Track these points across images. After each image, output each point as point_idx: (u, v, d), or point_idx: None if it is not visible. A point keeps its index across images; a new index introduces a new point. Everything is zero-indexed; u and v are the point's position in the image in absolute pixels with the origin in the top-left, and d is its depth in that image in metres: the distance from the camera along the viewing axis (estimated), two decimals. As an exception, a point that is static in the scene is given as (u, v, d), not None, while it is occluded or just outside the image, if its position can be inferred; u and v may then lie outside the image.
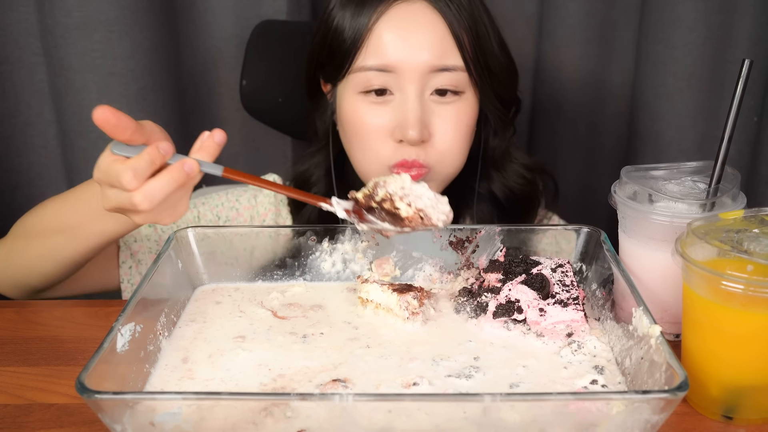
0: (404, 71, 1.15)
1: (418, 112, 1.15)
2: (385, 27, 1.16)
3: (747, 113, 1.66)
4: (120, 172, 0.84)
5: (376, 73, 1.16)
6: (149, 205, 0.85)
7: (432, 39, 1.15)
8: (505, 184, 1.34)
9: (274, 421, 0.72)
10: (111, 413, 0.72)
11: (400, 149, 1.17)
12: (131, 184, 0.84)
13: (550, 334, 0.91)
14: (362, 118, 1.19)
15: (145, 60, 1.51)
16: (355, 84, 1.19)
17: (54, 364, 0.96)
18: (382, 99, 1.18)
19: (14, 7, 1.50)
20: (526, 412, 0.72)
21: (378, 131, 1.18)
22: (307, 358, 0.89)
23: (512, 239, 1.05)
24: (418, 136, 1.14)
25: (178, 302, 0.99)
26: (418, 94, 1.15)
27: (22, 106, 1.57)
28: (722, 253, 0.81)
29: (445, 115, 1.18)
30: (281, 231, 1.08)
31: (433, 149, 1.18)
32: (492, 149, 1.33)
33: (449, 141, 1.19)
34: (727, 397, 0.84)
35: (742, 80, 0.94)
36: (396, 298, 0.96)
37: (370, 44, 1.16)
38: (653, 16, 1.62)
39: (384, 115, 1.18)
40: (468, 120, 1.21)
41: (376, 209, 0.95)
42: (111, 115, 0.84)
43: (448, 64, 1.16)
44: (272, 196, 1.33)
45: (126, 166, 0.84)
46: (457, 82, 1.18)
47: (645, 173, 1.01)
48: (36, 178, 1.63)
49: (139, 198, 0.84)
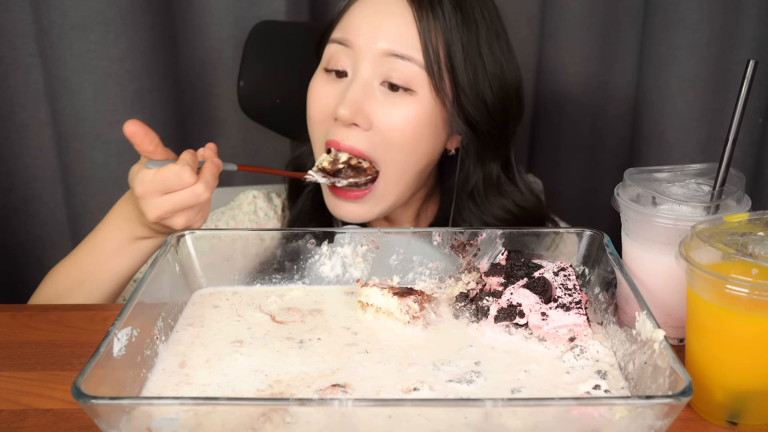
0: (360, 48, 1.17)
1: (358, 93, 1.16)
2: (358, 7, 1.21)
3: (752, 115, 1.65)
4: (178, 172, 0.98)
5: (337, 46, 1.20)
6: (210, 193, 1.00)
7: (396, 24, 1.17)
8: (481, 218, 1.30)
9: (272, 426, 0.71)
10: (107, 419, 0.71)
11: (333, 129, 1.19)
12: (193, 177, 0.99)
13: (553, 338, 0.90)
14: (314, 93, 1.23)
15: (142, 61, 1.50)
16: (324, 60, 1.23)
17: (50, 369, 0.95)
18: (339, 80, 1.20)
19: (9, 7, 1.50)
20: (528, 418, 0.71)
21: (323, 109, 1.21)
22: (306, 363, 0.88)
23: (514, 243, 1.04)
24: (348, 115, 1.15)
25: (176, 306, 0.98)
26: (366, 78, 1.17)
27: (17, 107, 1.56)
28: (727, 257, 0.80)
29: (392, 107, 1.18)
30: (279, 234, 1.07)
31: (379, 138, 1.18)
32: (472, 179, 1.29)
33: (396, 135, 1.19)
34: (732, 403, 0.84)
35: (746, 81, 0.93)
36: (396, 302, 0.95)
37: (343, 20, 1.22)
38: (657, 16, 1.62)
39: (334, 95, 1.20)
40: (417, 123, 1.19)
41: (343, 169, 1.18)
42: (140, 128, 1.01)
43: (405, 53, 1.16)
44: (252, 213, 1.38)
45: (180, 166, 0.98)
46: (411, 78, 1.17)
47: (648, 175, 1.01)
48: (31, 180, 1.62)
49: (201, 187, 1.00)
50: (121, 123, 1.50)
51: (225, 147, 1.74)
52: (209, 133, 1.71)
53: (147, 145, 0.99)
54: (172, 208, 1.00)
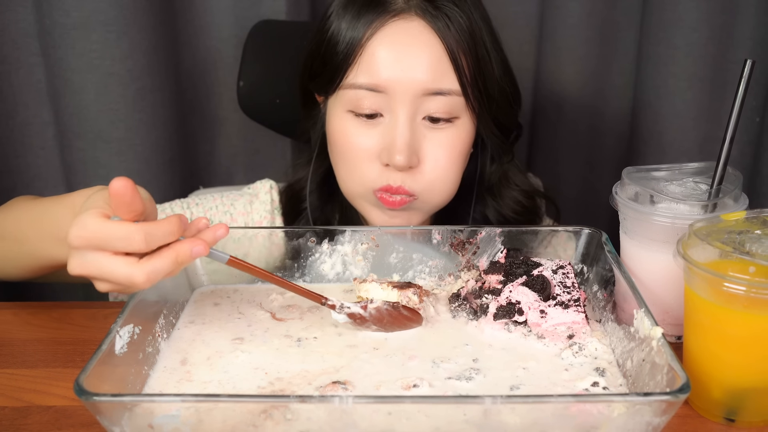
0: (396, 92, 1.09)
1: (407, 136, 1.09)
2: (379, 44, 1.10)
3: (749, 114, 1.65)
4: (131, 233, 0.75)
5: (366, 92, 1.11)
6: (149, 285, 0.77)
7: (428, 60, 1.09)
8: (500, 211, 1.29)
9: (273, 423, 0.72)
10: (109, 416, 0.72)
11: (385, 173, 1.12)
12: (141, 247, 0.76)
13: (551, 336, 0.91)
14: (349, 138, 1.14)
15: (144, 60, 1.50)
16: (345, 101, 1.14)
17: (52, 366, 0.96)
18: (372, 121, 1.13)
19: (12, 7, 1.50)
20: (527, 415, 0.72)
21: (365, 153, 1.13)
22: (306, 361, 0.88)
23: (513, 241, 1.04)
24: (405, 162, 1.09)
25: (177, 304, 0.99)
26: (409, 118, 1.10)
27: (20, 106, 1.56)
28: (724, 255, 0.81)
29: (437, 142, 1.13)
30: (280, 232, 1.08)
31: (422, 176, 1.13)
32: (489, 174, 1.28)
33: (440, 169, 1.14)
34: (729, 400, 0.84)
35: (744, 81, 0.93)
36: (396, 294, 0.96)
37: (363, 61, 1.10)
38: (654, 16, 1.62)
39: (372, 136, 1.12)
40: (462, 147, 1.16)
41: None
42: (129, 192, 0.76)
43: (443, 88, 1.10)
44: (268, 203, 1.31)
45: (138, 228, 0.76)
46: (452, 108, 1.12)
47: (646, 174, 1.01)
48: (34, 179, 1.62)
49: (141, 278, 0.76)
50: (123, 122, 1.52)
51: (226, 146, 1.74)
52: (210, 132, 1.71)
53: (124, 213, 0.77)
54: (98, 275, 0.78)
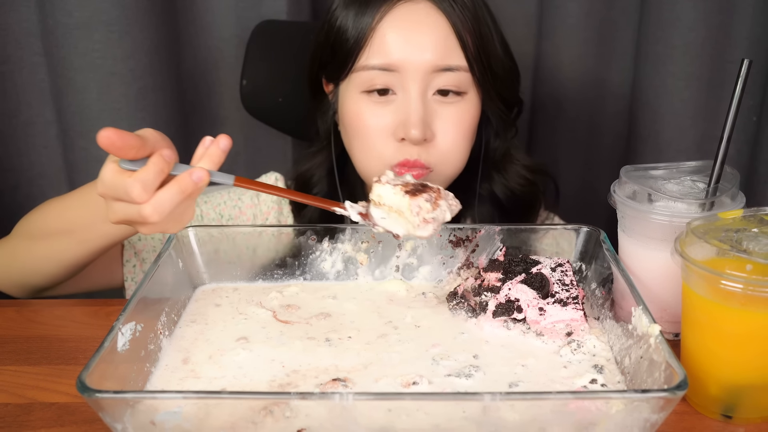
0: (407, 71, 1.15)
1: (421, 111, 1.15)
2: (388, 26, 1.16)
3: (746, 113, 1.66)
4: (129, 186, 0.82)
5: (378, 72, 1.17)
6: (159, 217, 0.83)
7: (435, 39, 1.15)
8: (506, 185, 1.34)
9: (274, 420, 0.72)
10: (112, 412, 0.72)
11: (401, 149, 1.17)
12: (141, 197, 0.82)
13: (550, 333, 0.91)
14: (364, 117, 1.19)
15: (146, 60, 1.51)
16: (357, 83, 1.19)
17: (55, 363, 0.96)
18: (384, 98, 1.18)
19: (15, 7, 1.50)
20: (526, 412, 0.72)
21: (380, 131, 1.18)
22: (305, 358, 0.89)
23: (512, 239, 1.05)
24: (420, 135, 1.14)
25: (179, 302, 0.99)
26: (420, 94, 1.16)
27: (23, 105, 1.57)
28: (721, 253, 0.81)
29: (447, 116, 1.18)
30: (282, 230, 1.08)
31: (435, 149, 1.18)
32: (493, 150, 1.33)
33: (451, 141, 1.19)
34: (727, 396, 0.85)
35: (741, 80, 0.94)
36: (407, 202, 0.91)
37: (374, 44, 1.17)
38: (652, 15, 1.62)
39: (386, 114, 1.18)
40: (470, 121, 1.21)
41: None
42: (116, 137, 0.81)
43: (451, 64, 1.16)
44: None
45: (134, 179, 0.82)
46: (460, 83, 1.18)
47: (644, 173, 1.02)
48: (37, 177, 1.63)
49: (148, 210, 0.82)
50: (125, 121, 1.52)
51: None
52: (212, 131, 1.70)
53: (126, 154, 0.83)
54: (124, 219, 0.86)
